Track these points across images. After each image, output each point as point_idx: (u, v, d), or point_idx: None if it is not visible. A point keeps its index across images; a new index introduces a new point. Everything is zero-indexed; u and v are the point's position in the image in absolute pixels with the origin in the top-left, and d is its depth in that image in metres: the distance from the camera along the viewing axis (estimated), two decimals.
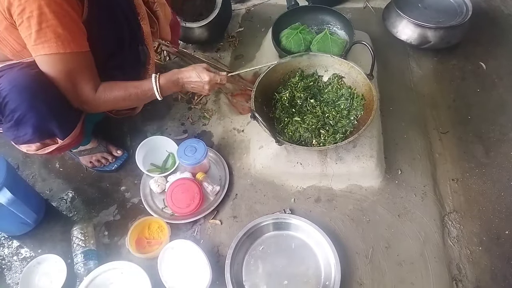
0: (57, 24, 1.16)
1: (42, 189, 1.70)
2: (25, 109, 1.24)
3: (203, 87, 1.49)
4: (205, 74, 1.47)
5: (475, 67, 2.11)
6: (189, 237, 1.52)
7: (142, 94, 1.43)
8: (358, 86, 1.68)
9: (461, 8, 2.18)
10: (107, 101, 1.37)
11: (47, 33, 1.16)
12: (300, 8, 2.09)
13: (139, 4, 1.50)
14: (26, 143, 1.38)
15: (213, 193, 1.61)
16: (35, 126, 1.30)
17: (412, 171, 1.68)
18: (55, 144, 1.41)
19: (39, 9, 1.12)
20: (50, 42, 1.17)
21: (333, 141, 1.57)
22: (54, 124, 1.32)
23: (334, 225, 1.55)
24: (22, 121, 1.27)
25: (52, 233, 1.57)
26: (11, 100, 1.23)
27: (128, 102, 1.44)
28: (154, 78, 1.42)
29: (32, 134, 1.32)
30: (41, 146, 1.42)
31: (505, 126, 1.84)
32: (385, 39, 2.21)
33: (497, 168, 1.70)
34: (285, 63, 1.73)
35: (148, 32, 1.56)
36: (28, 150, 1.43)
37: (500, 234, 1.52)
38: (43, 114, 1.28)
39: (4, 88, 1.23)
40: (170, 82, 1.46)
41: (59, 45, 1.18)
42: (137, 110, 1.70)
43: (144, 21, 1.53)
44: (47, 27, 1.15)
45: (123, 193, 1.68)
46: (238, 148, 1.79)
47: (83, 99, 1.34)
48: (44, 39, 1.16)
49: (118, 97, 1.38)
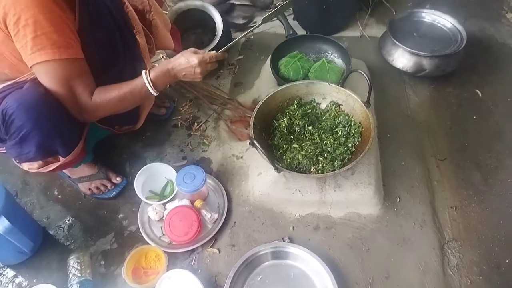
0: (53, 30, 1.17)
1: (40, 216, 1.69)
2: (31, 127, 1.26)
3: (194, 71, 1.44)
4: (194, 57, 1.43)
5: (471, 95, 2.13)
6: (186, 266, 1.51)
7: (137, 92, 1.39)
8: (355, 114, 1.70)
9: (456, 36, 2.23)
10: (103, 105, 1.35)
11: (43, 40, 1.16)
12: (298, 37, 2.14)
13: (134, 18, 1.52)
14: (29, 161, 1.40)
15: (211, 220, 1.60)
16: (39, 144, 1.31)
17: (410, 199, 1.68)
18: (57, 162, 1.43)
19: (34, 17, 1.13)
20: (46, 49, 1.17)
21: (331, 168, 1.58)
22: (57, 141, 1.35)
23: (333, 253, 1.53)
24: (27, 138, 1.29)
25: (48, 262, 1.55)
26: (17, 118, 1.25)
27: (125, 103, 1.41)
28: (144, 73, 1.39)
29: (36, 152, 1.34)
30: (43, 164, 1.43)
31: (502, 153, 1.85)
32: (382, 67, 2.25)
33: (496, 196, 1.70)
34: (284, 91, 1.75)
35: (144, 45, 1.57)
36: (30, 168, 1.44)
37: (500, 263, 1.51)
38: (48, 132, 1.30)
39: (11, 106, 1.25)
40: (161, 74, 1.42)
41: (55, 51, 1.19)
42: (138, 124, 1.72)
43: (140, 34, 1.54)
44: (42, 34, 1.16)
45: (121, 221, 1.67)
46: (237, 174, 1.79)
47: (82, 107, 1.33)
48: (41, 46, 1.17)
49: (113, 99, 1.36)
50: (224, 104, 2.09)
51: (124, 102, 1.40)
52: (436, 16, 2.34)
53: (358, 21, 2.57)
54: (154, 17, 1.66)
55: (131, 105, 1.47)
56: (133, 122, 1.70)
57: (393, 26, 2.28)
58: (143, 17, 1.63)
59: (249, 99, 2.11)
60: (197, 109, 2.09)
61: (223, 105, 2.09)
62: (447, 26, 2.30)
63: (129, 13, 1.50)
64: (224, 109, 2.07)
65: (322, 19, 2.42)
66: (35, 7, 1.13)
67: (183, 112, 2.08)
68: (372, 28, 2.56)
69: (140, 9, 1.61)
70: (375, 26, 2.57)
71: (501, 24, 2.57)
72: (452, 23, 2.28)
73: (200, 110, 2.08)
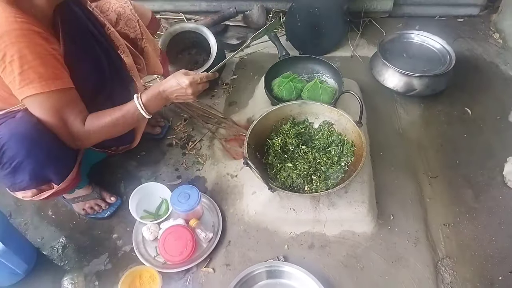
0: (39, 64, 1.18)
1: (33, 237, 1.68)
2: (23, 157, 1.26)
3: (185, 92, 1.43)
4: (184, 78, 1.42)
5: (460, 113, 2.18)
6: (181, 287, 1.50)
7: (129, 116, 1.39)
8: (348, 133, 1.73)
9: (445, 57, 2.29)
10: (96, 131, 1.35)
11: (29, 74, 1.17)
12: (291, 58, 2.19)
13: (116, 38, 1.53)
14: (23, 189, 1.40)
15: (206, 240, 1.60)
16: (32, 173, 1.31)
17: (404, 216, 1.70)
18: (51, 190, 1.42)
19: (19, 52, 1.14)
20: (34, 82, 1.18)
21: (325, 187, 1.60)
22: (50, 170, 1.34)
23: (328, 272, 1.54)
24: (20, 168, 1.29)
25: (42, 283, 1.54)
26: (9, 148, 1.25)
27: (118, 128, 1.41)
28: (136, 97, 1.39)
29: (29, 181, 1.34)
30: (37, 192, 1.42)
31: (493, 170, 1.88)
32: (373, 87, 2.30)
33: (487, 213, 1.72)
34: (277, 111, 1.78)
35: (131, 64, 1.58)
36: (24, 196, 1.43)
37: (493, 280, 1.52)
38: (41, 161, 1.30)
39: (3, 136, 1.25)
40: (153, 97, 1.42)
41: (43, 84, 1.19)
42: (135, 143, 1.73)
43: (125, 53, 1.56)
44: (29, 68, 1.16)
45: (115, 241, 1.66)
46: (232, 193, 1.80)
47: (75, 135, 1.33)
48: (28, 80, 1.17)
49: (106, 125, 1.35)
50: (219, 123, 2.11)
51: (117, 127, 1.40)
52: (425, 37, 2.40)
53: (349, 42, 2.63)
54: (146, 45, 1.69)
55: (125, 130, 1.46)
56: (129, 141, 1.71)
57: (383, 47, 2.34)
58: (135, 45, 1.66)
59: (244, 118, 2.13)
60: (192, 128, 2.11)
61: (217, 124, 2.11)
62: (436, 46, 2.36)
63: (111, 34, 1.52)
64: (219, 128, 2.09)
65: (314, 40, 2.48)
66: (20, 42, 1.14)
67: (178, 131, 2.09)
68: (363, 49, 2.62)
69: (132, 37, 1.64)
70: (366, 46, 2.63)
71: (488, 44, 2.64)
72: (441, 44, 2.34)
73: (194, 129, 2.10)
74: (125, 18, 1.60)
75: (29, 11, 1.19)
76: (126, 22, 1.61)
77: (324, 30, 2.44)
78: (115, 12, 1.59)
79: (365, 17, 2.75)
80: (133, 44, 1.64)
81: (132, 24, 1.62)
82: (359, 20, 2.72)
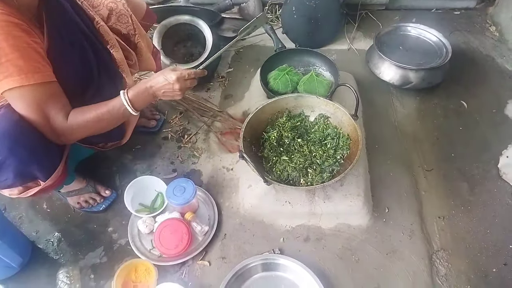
0: (18, 56, 1.14)
1: (28, 230, 1.67)
2: (5, 155, 1.23)
3: (173, 88, 1.40)
4: (172, 74, 1.39)
5: (456, 106, 2.18)
6: (177, 280, 1.50)
7: (115, 112, 1.35)
8: (343, 126, 1.73)
9: (441, 50, 2.28)
10: (80, 127, 1.31)
11: (8, 67, 1.13)
12: (287, 51, 2.18)
13: (106, 33, 1.50)
14: (8, 187, 1.37)
15: (201, 233, 1.60)
16: (16, 171, 1.28)
17: (399, 209, 1.70)
18: (38, 186, 1.40)
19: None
20: (12, 76, 1.14)
21: (320, 180, 1.60)
22: (35, 167, 1.31)
23: (323, 265, 1.54)
24: (3, 166, 1.26)
25: (37, 276, 1.54)
26: None
27: (103, 124, 1.36)
28: (122, 93, 1.36)
29: (14, 179, 1.31)
30: (23, 190, 1.40)
31: (488, 163, 1.89)
32: (369, 79, 2.29)
33: (482, 206, 1.73)
34: (273, 104, 1.78)
35: (121, 59, 1.56)
36: (10, 194, 1.41)
37: (487, 272, 1.53)
38: (24, 158, 1.27)
39: None
40: (139, 93, 1.38)
41: (22, 77, 1.15)
42: (125, 139, 1.70)
43: (115, 48, 1.53)
44: (7, 61, 1.13)
45: (111, 234, 1.66)
46: (227, 187, 1.80)
47: (58, 130, 1.28)
48: (7, 73, 1.14)
49: (90, 120, 1.31)
50: (214, 116, 2.10)
51: (102, 123, 1.36)
52: (422, 30, 2.40)
53: (345, 35, 2.62)
54: (138, 40, 1.67)
55: (110, 126, 1.41)
56: (118, 137, 1.67)
57: (380, 40, 2.33)
58: (127, 40, 1.63)
59: (239, 111, 2.12)
60: (187, 121, 2.10)
61: (213, 117, 2.10)
62: (433, 39, 2.35)
63: (100, 28, 1.49)
64: (214, 121, 2.09)
65: (311, 33, 2.46)
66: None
67: (173, 124, 2.09)
68: (360, 41, 2.61)
69: (124, 33, 1.61)
70: (363, 39, 2.62)
71: (485, 37, 2.64)
72: (437, 37, 2.33)
73: (190, 122, 2.10)
74: (117, 13, 1.56)
75: (11, 3, 1.16)
76: (118, 18, 1.57)
77: (321, 22, 2.42)
78: (107, 8, 1.55)
79: (362, 10, 2.74)
80: (125, 40, 1.61)
81: (124, 20, 1.59)
82: (355, 13, 2.70)
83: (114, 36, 1.54)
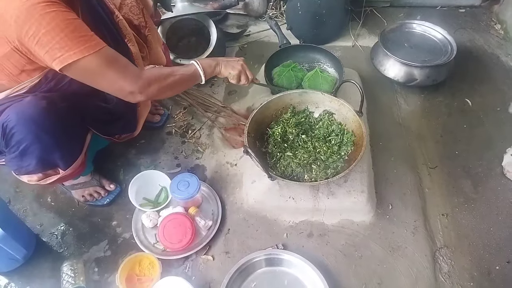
0: (72, 30, 1.14)
1: (33, 223, 1.68)
2: (31, 141, 1.28)
3: (237, 62, 1.60)
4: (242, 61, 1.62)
5: (461, 104, 2.18)
6: (180, 274, 1.51)
7: (187, 73, 1.46)
8: (348, 123, 1.73)
9: (446, 47, 2.27)
10: (156, 79, 1.34)
11: (66, 41, 1.13)
12: (291, 47, 2.16)
13: (124, 27, 1.52)
14: (29, 173, 1.42)
15: (205, 228, 1.60)
16: (39, 158, 1.33)
17: (402, 206, 1.70)
18: (57, 175, 1.45)
19: (51, 22, 1.11)
20: (73, 49, 1.14)
21: (324, 176, 1.60)
22: (57, 155, 1.36)
23: (326, 260, 1.55)
24: (27, 152, 1.31)
25: (41, 269, 1.54)
26: (17, 131, 1.27)
27: (175, 79, 1.41)
28: (193, 61, 1.49)
29: (36, 165, 1.36)
30: (43, 177, 1.45)
31: (492, 162, 1.89)
32: (374, 76, 2.29)
33: (486, 203, 1.73)
34: (278, 100, 1.77)
35: (137, 53, 1.58)
36: (29, 180, 1.46)
37: (490, 270, 1.53)
38: (48, 146, 1.32)
39: (12, 119, 1.26)
40: (206, 60, 1.53)
41: (81, 49, 1.15)
42: (137, 132, 1.74)
43: (131, 42, 1.55)
44: (65, 36, 1.13)
45: (115, 228, 1.67)
46: (231, 182, 1.80)
47: (133, 80, 1.28)
48: (67, 47, 1.14)
49: (165, 73, 1.38)
50: (218, 111, 2.10)
51: (175, 78, 1.41)
52: (427, 27, 2.38)
53: (350, 31, 2.62)
54: (149, 33, 1.68)
55: (180, 86, 1.50)
56: (132, 129, 1.71)
57: (385, 37, 2.32)
58: (138, 32, 1.64)
59: (243, 107, 2.12)
60: (191, 116, 2.10)
61: (217, 112, 2.10)
62: (438, 37, 2.34)
63: (119, 22, 1.50)
64: (218, 117, 2.09)
65: (315, 29, 2.46)
66: (49, 13, 1.11)
67: (177, 119, 2.09)
68: (364, 38, 2.60)
69: (135, 24, 1.62)
70: (367, 36, 2.62)
71: (490, 35, 2.63)
72: (443, 34, 2.32)
73: (194, 118, 2.10)
74: (128, 4, 1.58)
75: None
76: (130, 9, 1.59)
77: (325, 19, 2.42)
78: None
79: (367, 7, 2.73)
80: (136, 32, 1.62)
81: (136, 11, 1.60)
82: (360, 10, 2.69)
83: (131, 31, 1.55)
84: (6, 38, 1.16)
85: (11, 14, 1.09)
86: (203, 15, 2.24)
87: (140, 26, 1.64)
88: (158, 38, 1.79)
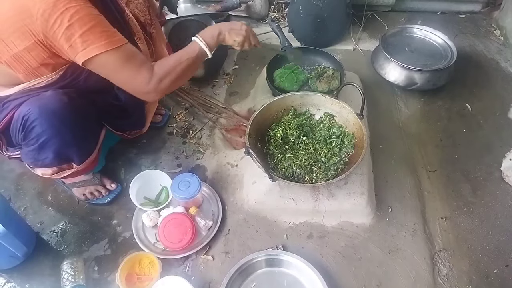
0: (95, 24, 1.19)
1: (33, 221, 1.68)
2: (51, 134, 1.31)
3: (240, 27, 1.54)
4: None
5: (460, 108, 2.19)
6: (180, 273, 1.51)
7: (192, 52, 1.43)
8: (349, 125, 1.74)
9: (446, 52, 2.29)
10: (166, 73, 1.36)
11: (89, 35, 1.17)
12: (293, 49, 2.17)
13: (134, 25, 1.55)
14: (44, 167, 1.45)
15: (205, 228, 1.61)
16: (56, 151, 1.37)
17: (402, 209, 1.71)
18: (71, 169, 1.49)
19: (75, 15, 1.14)
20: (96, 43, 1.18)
21: (325, 178, 1.60)
22: (74, 150, 1.41)
23: (326, 262, 1.55)
24: (46, 145, 1.34)
25: (41, 267, 1.54)
26: (39, 124, 1.29)
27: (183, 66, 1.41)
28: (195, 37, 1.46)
29: (52, 159, 1.39)
30: (57, 171, 1.49)
31: (491, 166, 1.90)
32: (374, 80, 2.30)
33: (485, 207, 1.74)
34: (279, 101, 1.78)
35: (146, 51, 1.60)
36: (43, 174, 1.49)
37: (489, 273, 1.54)
38: (67, 140, 1.35)
39: (33, 112, 1.27)
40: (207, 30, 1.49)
41: (105, 43, 1.20)
42: (145, 128, 1.79)
43: (141, 40, 1.58)
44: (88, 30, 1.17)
45: (115, 227, 1.67)
46: (232, 182, 1.81)
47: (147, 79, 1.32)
48: (90, 41, 1.18)
49: (172, 64, 1.38)
50: (219, 112, 2.11)
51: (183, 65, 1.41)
52: (427, 31, 2.40)
53: (351, 35, 2.63)
54: (154, 31, 1.70)
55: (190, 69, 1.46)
56: (141, 125, 1.76)
57: (386, 41, 2.34)
58: (144, 29, 1.66)
59: (244, 108, 2.13)
60: (193, 117, 2.11)
61: (218, 113, 2.11)
62: (438, 41, 2.36)
63: (130, 21, 1.53)
64: (219, 118, 2.10)
65: (316, 32, 2.47)
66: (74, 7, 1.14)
67: (178, 120, 2.09)
68: (365, 42, 2.62)
69: (141, 21, 1.64)
70: (368, 40, 2.63)
71: (490, 41, 2.65)
72: (443, 39, 2.34)
73: (195, 118, 2.11)
74: (135, 1, 1.59)
75: None
76: (137, 6, 1.61)
77: (327, 22, 2.43)
78: None
79: (368, 11, 2.75)
80: (142, 28, 1.63)
81: (142, 9, 1.63)
82: (361, 14, 2.71)
83: (140, 30, 1.57)
84: (30, 32, 1.18)
85: (38, 8, 1.12)
86: (206, 17, 2.24)
87: (146, 23, 1.66)
88: (162, 37, 1.81)
